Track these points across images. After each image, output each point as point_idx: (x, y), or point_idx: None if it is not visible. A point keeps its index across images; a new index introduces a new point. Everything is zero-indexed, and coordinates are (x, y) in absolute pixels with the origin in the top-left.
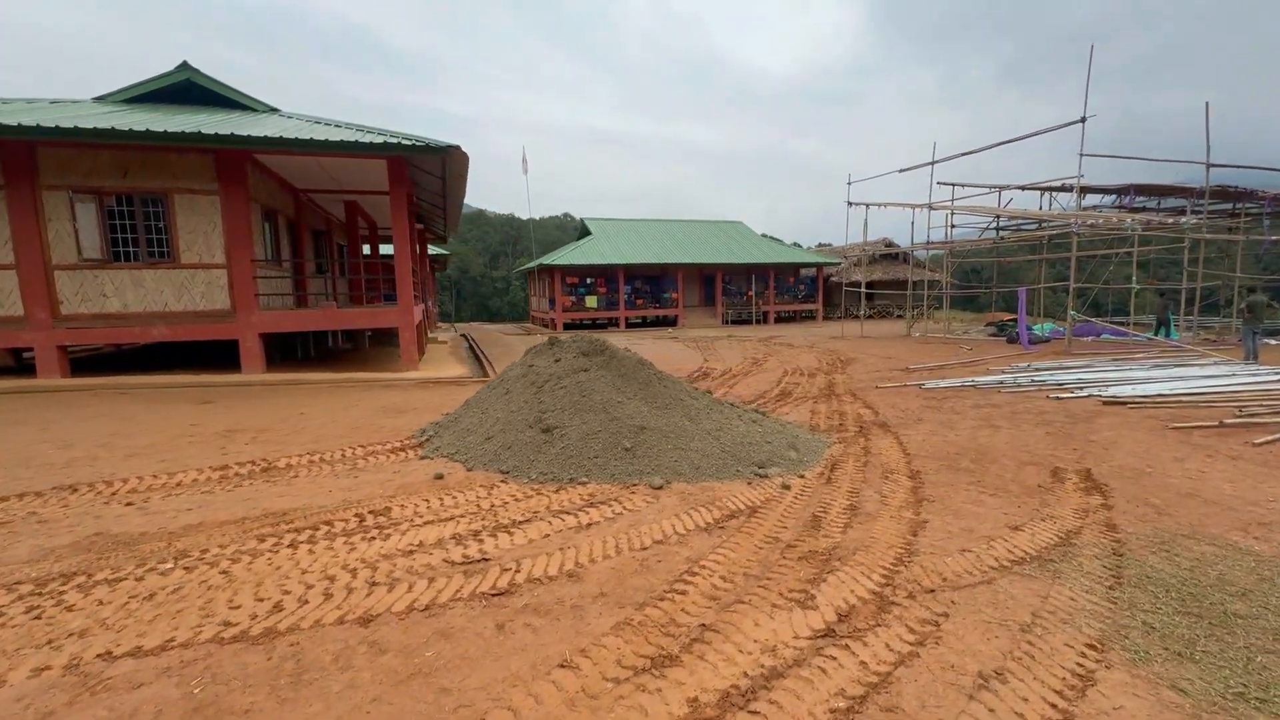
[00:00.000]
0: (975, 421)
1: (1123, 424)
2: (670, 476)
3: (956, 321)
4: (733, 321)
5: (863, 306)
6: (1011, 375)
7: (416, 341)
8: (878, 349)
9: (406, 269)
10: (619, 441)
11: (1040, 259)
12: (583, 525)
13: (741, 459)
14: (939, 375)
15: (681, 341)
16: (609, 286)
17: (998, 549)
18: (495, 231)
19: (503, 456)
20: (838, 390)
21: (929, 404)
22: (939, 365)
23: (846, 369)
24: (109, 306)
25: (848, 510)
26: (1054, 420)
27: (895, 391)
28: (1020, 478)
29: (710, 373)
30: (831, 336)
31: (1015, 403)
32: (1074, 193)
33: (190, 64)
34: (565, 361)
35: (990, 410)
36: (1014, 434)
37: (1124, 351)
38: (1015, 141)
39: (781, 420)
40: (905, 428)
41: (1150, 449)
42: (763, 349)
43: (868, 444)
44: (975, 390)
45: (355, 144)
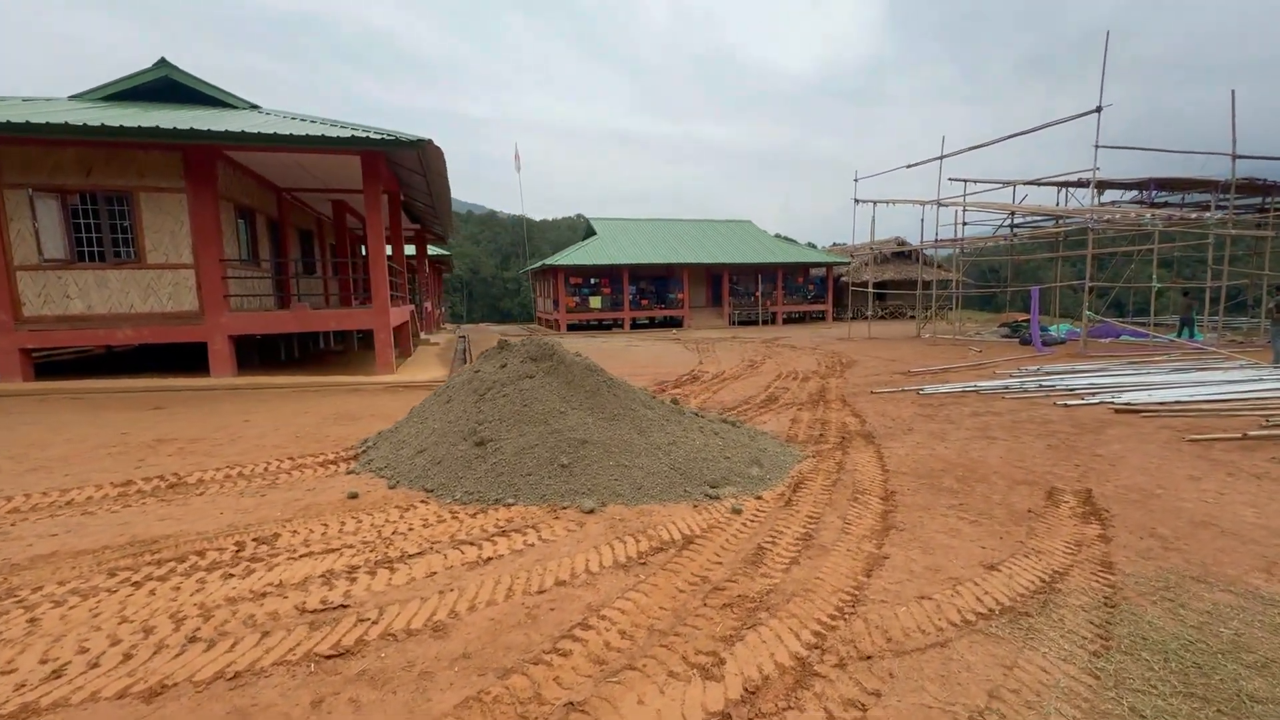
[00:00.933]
0: (970, 432)
1: (1134, 435)
2: (607, 498)
3: (970, 322)
4: (740, 322)
5: (870, 307)
6: (1019, 380)
7: (399, 343)
8: (883, 351)
9: (382, 269)
10: (556, 457)
11: (1057, 257)
12: (481, 560)
13: (692, 477)
14: (941, 379)
15: (681, 343)
16: (614, 287)
17: (964, 596)
18: (507, 232)
19: (430, 473)
20: (829, 396)
21: (923, 411)
22: (943, 368)
23: (844, 373)
24: (73, 308)
25: (799, 541)
26: (1058, 431)
27: (890, 397)
28: (1009, 500)
29: (701, 376)
30: (838, 338)
31: (1018, 410)
32: (1090, 187)
33: (169, 60)
34: (511, 367)
35: (990, 419)
36: (1011, 447)
37: (1143, 354)
38: (1028, 134)
39: (754, 430)
40: (891, 439)
41: (1163, 465)
42: (763, 351)
43: (845, 458)
44: (977, 396)
45: (321, 139)
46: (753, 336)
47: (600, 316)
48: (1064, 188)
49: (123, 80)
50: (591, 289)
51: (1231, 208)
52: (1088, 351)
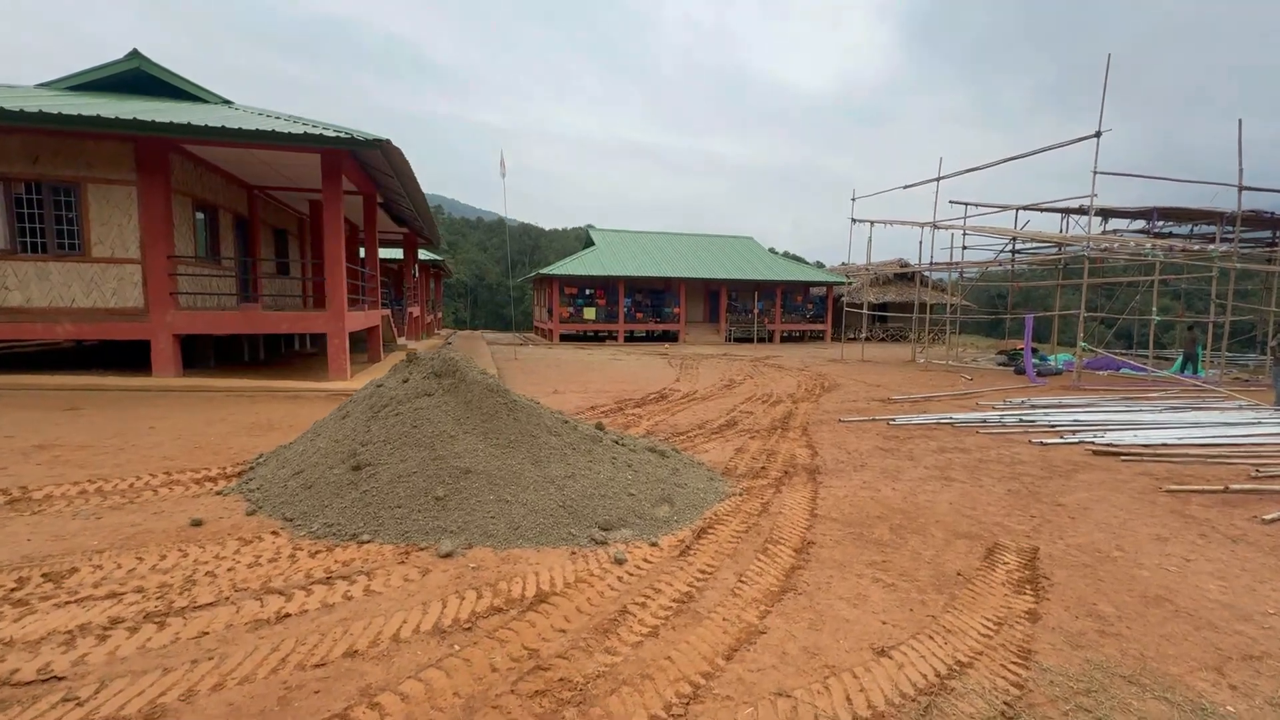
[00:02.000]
0: (927, 471)
1: (1107, 482)
2: (475, 538)
3: (972, 348)
4: (736, 339)
5: (864, 328)
6: (1000, 413)
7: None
8: (871, 375)
9: (339, 272)
10: (432, 488)
11: (1057, 285)
12: (276, 617)
13: (583, 517)
14: (919, 409)
15: (667, 359)
16: (609, 299)
17: (831, 695)
18: (513, 240)
19: (297, 499)
20: (792, 423)
21: (886, 445)
22: (925, 397)
23: (821, 397)
24: (10, 300)
25: (674, 604)
26: (1025, 474)
27: (857, 427)
28: (941, 559)
29: (669, 395)
30: (830, 359)
31: (989, 447)
32: (1089, 214)
33: (140, 52)
34: (413, 383)
35: (955, 456)
36: (966, 491)
37: (1140, 389)
38: (1028, 158)
39: (687, 461)
40: (838, 476)
41: (1129, 520)
42: (747, 370)
43: (775, 498)
44: (950, 429)
45: (272, 134)
46: (744, 354)
47: (594, 328)
48: (1067, 214)
49: (94, 70)
50: (586, 300)
51: (1237, 240)
52: (1081, 384)
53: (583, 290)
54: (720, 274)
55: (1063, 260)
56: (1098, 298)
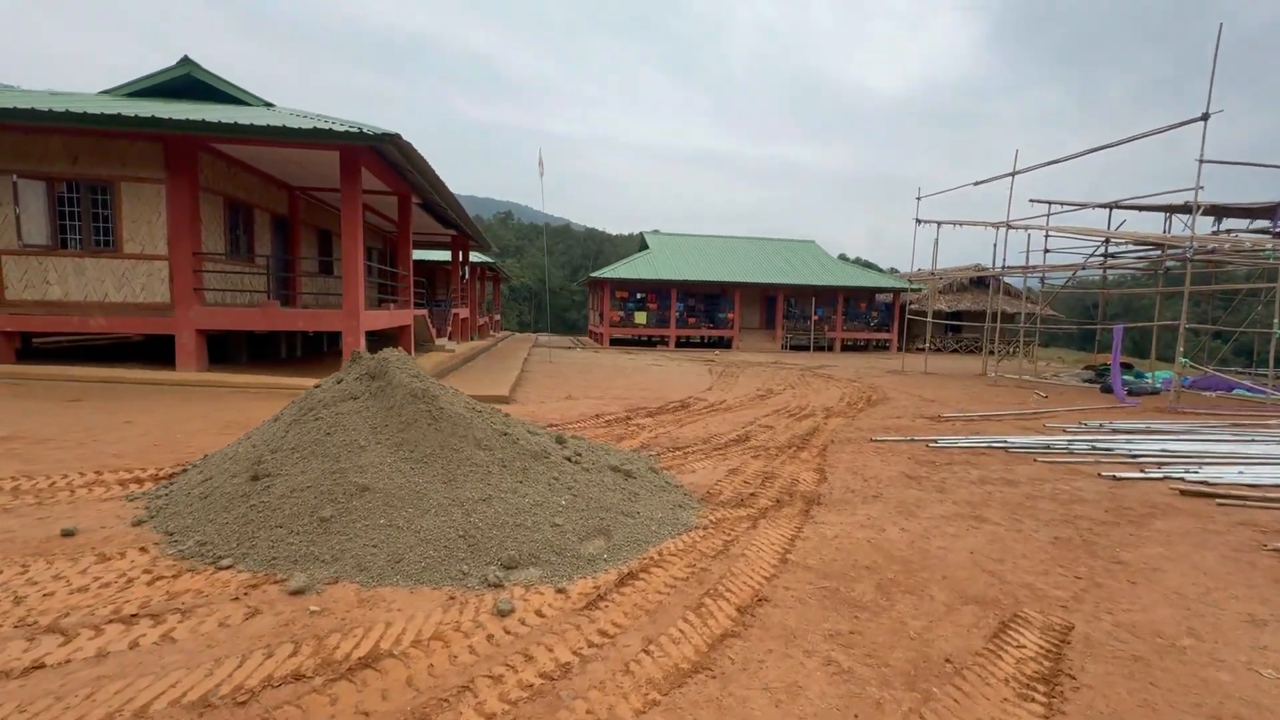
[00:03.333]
0: (955, 507)
1: (1193, 533)
2: (345, 571)
3: (1057, 361)
4: (792, 347)
5: (928, 337)
6: (1069, 437)
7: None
8: (929, 389)
9: (355, 270)
10: (321, 506)
11: (1157, 292)
12: (27, 668)
13: (484, 550)
14: (973, 429)
15: (710, 366)
16: (660, 303)
17: None
18: (578, 245)
19: (192, 509)
20: (814, 441)
21: (915, 472)
22: (984, 415)
23: (862, 412)
24: (51, 294)
25: (539, 682)
26: (1083, 516)
27: (889, 448)
28: (932, 634)
29: (692, 405)
30: (888, 370)
31: (1044, 479)
32: (1194, 211)
33: (191, 59)
34: (345, 385)
35: (996, 489)
36: (998, 536)
37: (1255, 415)
38: (1118, 145)
39: (659, 483)
40: (839, 508)
41: (1214, 590)
42: (792, 380)
43: (746, 534)
44: (1001, 455)
45: (281, 129)
46: (795, 363)
47: (645, 332)
48: (1170, 213)
49: (150, 77)
50: (638, 304)
51: None
52: (1180, 407)
53: (634, 294)
54: (778, 279)
55: (1164, 264)
56: (1211, 308)
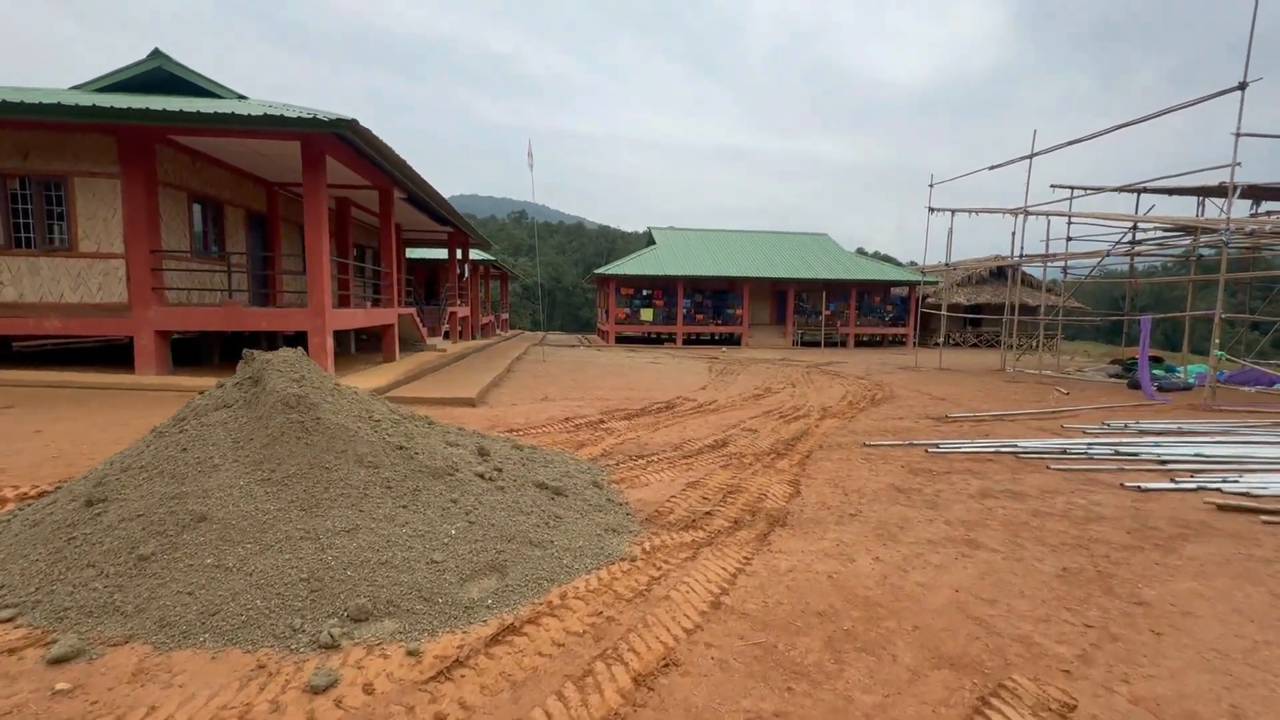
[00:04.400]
0: (947, 529)
1: (1233, 560)
2: (142, 628)
3: (1082, 355)
4: (804, 343)
5: (943, 331)
6: (1089, 440)
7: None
8: (940, 386)
9: (320, 266)
10: (144, 540)
11: (1189, 280)
12: None
13: (331, 597)
14: (982, 431)
15: (712, 363)
16: (667, 300)
17: None
18: (591, 243)
19: (10, 541)
20: (799, 447)
21: (907, 483)
22: (997, 415)
23: (863, 412)
24: (4, 295)
25: None
26: (1100, 539)
27: (883, 454)
28: (887, 716)
29: (678, 405)
30: (901, 366)
31: (1057, 492)
32: (1230, 188)
33: (162, 51)
34: (225, 391)
35: (999, 504)
36: (994, 567)
37: None
38: (1144, 121)
39: (595, 503)
40: (806, 531)
41: (1262, 645)
42: (796, 377)
43: (680, 567)
44: (1009, 462)
45: (230, 116)
46: (804, 360)
47: (652, 330)
48: (1203, 197)
49: (120, 71)
50: (644, 301)
51: None
52: (1216, 404)
53: (640, 291)
54: (787, 273)
55: (1196, 251)
56: (1249, 297)
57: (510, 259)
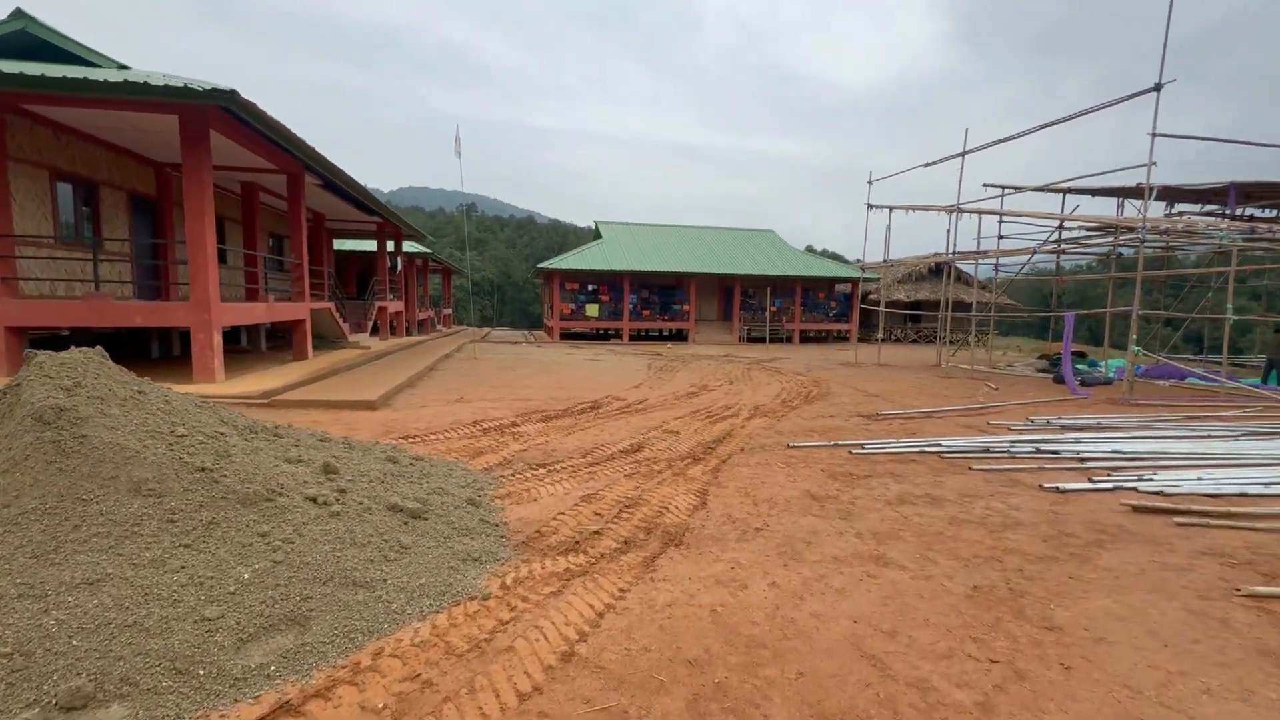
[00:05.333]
0: (857, 542)
1: (1149, 571)
2: None
3: (1014, 351)
4: (750, 339)
5: (880, 328)
6: (1012, 438)
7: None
8: (877, 382)
9: (205, 255)
10: None
11: (1109, 278)
12: None
13: (36, 678)
14: (910, 429)
15: (653, 360)
16: (613, 295)
17: None
18: (542, 237)
19: None
20: (718, 450)
21: (824, 489)
22: (927, 412)
23: (795, 411)
24: None
25: None
26: (1015, 549)
27: (806, 456)
28: None
29: (604, 405)
30: (842, 362)
31: (976, 495)
32: (1146, 188)
33: (25, 11)
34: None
35: (916, 511)
36: (901, 587)
37: (1209, 405)
38: (1066, 121)
39: (463, 523)
40: (704, 551)
41: (1176, 676)
42: (736, 374)
43: (541, 604)
44: (934, 461)
45: (83, 82)
46: (748, 356)
47: (598, 326)
48: (1123, 198)
49: None
50: (589, 296)
51: None
52: (1133, 398)
53: (585, 286)
54: (734, 269)
55: (1116, 250)
56: (1163, 296)
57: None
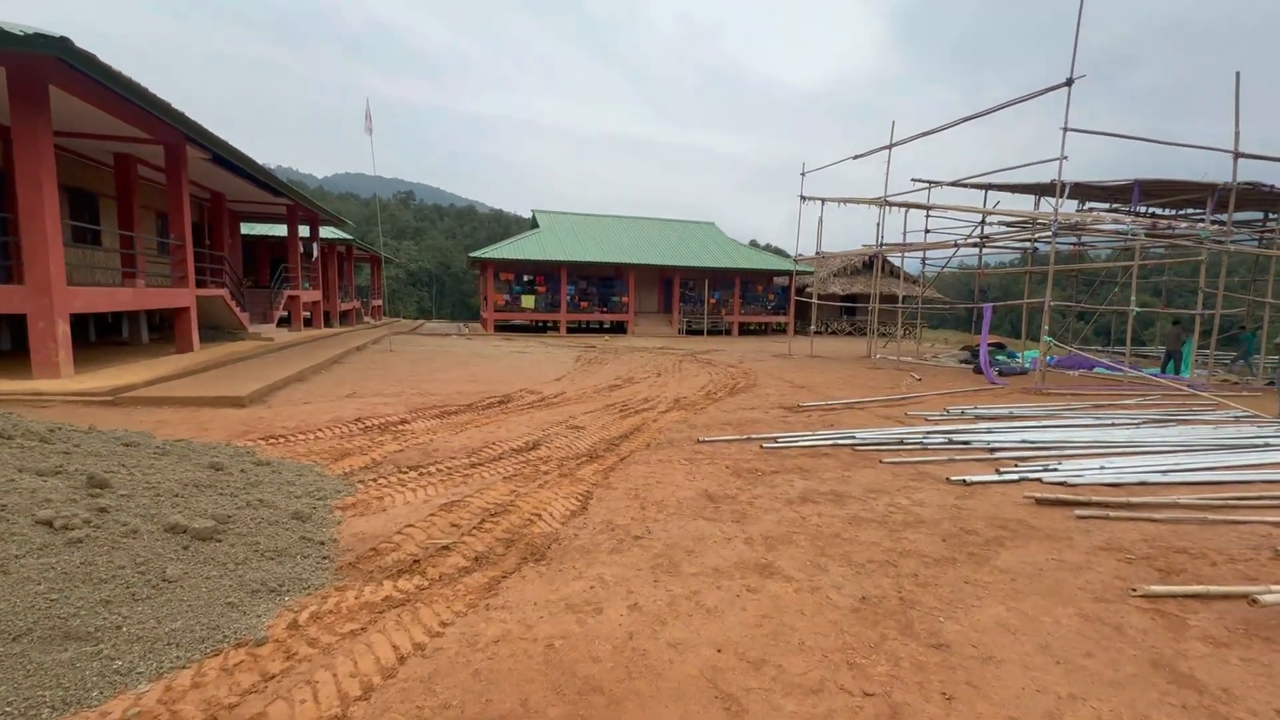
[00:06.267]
0: (744, 549)
1: (1045, 569)
2: None
3: (940, 343)
4: (689, 331)
5: (813, 320)
6: (926, 429)
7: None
8: (805, 373)
9: (44, 231)
10: None
11: (1026, 271)
12: None
13: None
14: (827, 422)
15: (584, 352)
16: (550, 286)
17: None
18: (484, 227)
19: None
20: (622, 447)
21: (723, 488)
22: (848, 403)
23: (718, 402)
24: None
25: None
26: (913, 551)
27: (713, 453)
28: None
29: (517, 399)
30: (774, 354)
31: (881, 491)
32: (1058, 182)
33: None
34: None
35: (815, 510)
36: (782, 603)
37: (1114, 393)
38: (985, 115)
39: (272, 544)
40: (561, 568)
41: (1067, 699)
42: (667, 366)
43: (325, 653)
44: (846, 454)
45: None
46: (683, 348)
47: (534, 318)
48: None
49: None
50: (524, 287)
51: (1231, 214)
52: (1045, 387)
53: (520, 276)
54: (674, 261)
55: (1033, 244)
56: (1075, 291)
57: (392, 241)
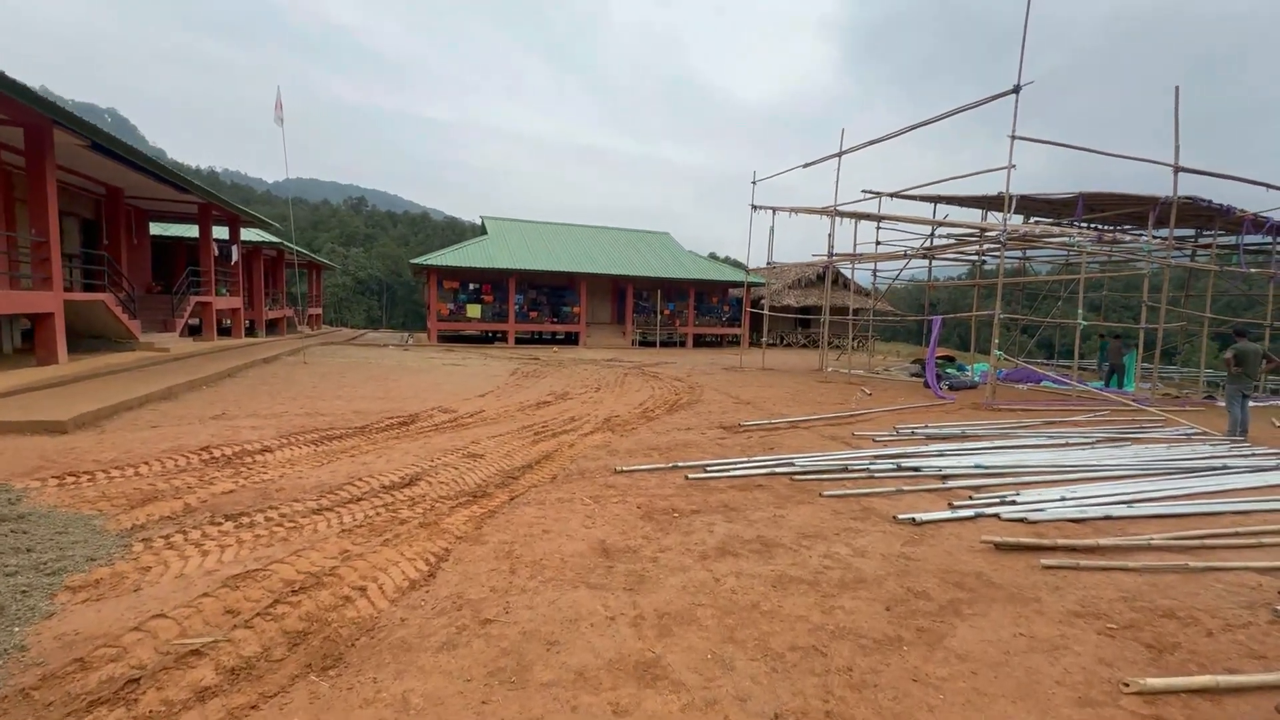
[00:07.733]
0: (632, 633)
1: (1013, 653)
2: None
3: (893, 355)
4: (642, 343)
5: (764, 333)
6: (873, 452)
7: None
8: (753, 388)
9: None
10: None
11: (975, 284)
12: None
13: None
14: (767, 444)
15: (520, 364)
16: (498, 295)
17: None
18: (437, 235)
19: None
20: (527, 478)
21: (626, 539)
22: (793, 422)
23: (652, 422)
24: None
25: None
26: (850, 626)
27: (627, 486)
28: None
29: (426, 419)
30: (725, 367)
31: (819, 535)
32: (1006, 189)
33: None
34: None
35: (734, 569)
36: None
37: (1063, 407)
38: (931, 123)
39: None
40: (364, 680)
41: None
42: (609, 380)
43: None
44: (781, 486)
45: None
46: (633, 360)
47: (482, 328)
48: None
49: None
50: (470, 296)
51: (1171, 233)
52: (995, 403)
53: (465, 285)
54: (627, 271)
55: (980, 258)
56: (1020, 305)
57: (340, 248)
